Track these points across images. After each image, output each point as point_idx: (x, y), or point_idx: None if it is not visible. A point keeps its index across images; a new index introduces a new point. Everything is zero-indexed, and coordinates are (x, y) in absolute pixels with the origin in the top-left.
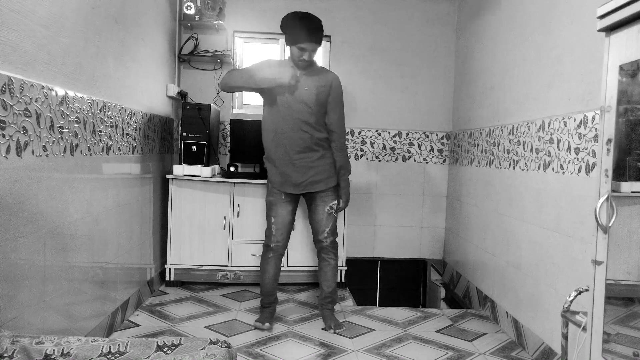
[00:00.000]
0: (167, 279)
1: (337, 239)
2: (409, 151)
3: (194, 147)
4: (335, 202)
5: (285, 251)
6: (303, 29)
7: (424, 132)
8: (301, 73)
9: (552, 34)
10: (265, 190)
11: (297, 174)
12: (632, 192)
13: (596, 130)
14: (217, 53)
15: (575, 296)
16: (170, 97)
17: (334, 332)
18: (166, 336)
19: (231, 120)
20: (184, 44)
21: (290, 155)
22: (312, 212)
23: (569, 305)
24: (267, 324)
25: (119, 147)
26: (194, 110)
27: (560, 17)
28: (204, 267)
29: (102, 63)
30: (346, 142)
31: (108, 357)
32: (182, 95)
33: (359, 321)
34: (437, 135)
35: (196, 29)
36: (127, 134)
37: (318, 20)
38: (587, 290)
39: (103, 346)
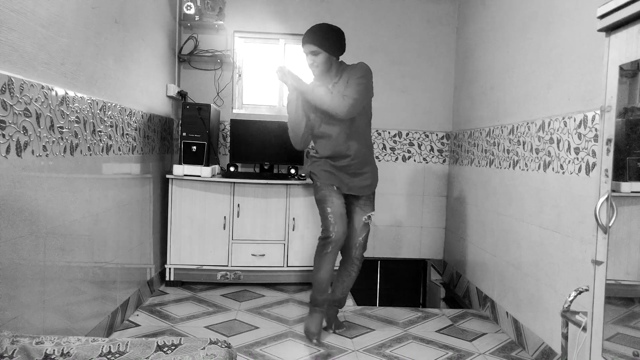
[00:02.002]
0: (167, 278)
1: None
2: (409, 151)
3: (194, 147)
4: (373, 212)
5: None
6: (303, 35)
7: (424, 132)
8: (331, 83)
9: (552, 34)
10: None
11: (350, 177)
12: (632, 192)
13: (596, 130)
14: (217, 53)
15: (575, 296)
16: (170, 97)
17: (334, 332)
18: (166, 336)
19: (231, 120)
20: (184, 44)
21: (347, 164)
22: (349, 219)
23: (569, 305)
24: (315, 339)
25: (119, 147)
26: (194, 110)
27: (560, 17)
28: (204, 267)
29: (102, 63)
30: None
31: (108, 357)
32: (182, 95)
33: (359, 321)
34: (437, 135)
35: (196, 29)
36: (127, 134)
37: (324, 25)
38: (587, 290)
39: (103, 346)
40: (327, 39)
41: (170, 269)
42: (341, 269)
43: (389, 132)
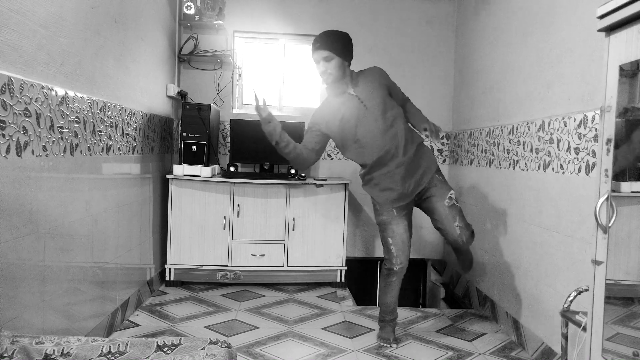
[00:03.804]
0: (167, 278)
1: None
2: None
3: (194, 147)
4: (452, 191)
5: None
6: (313, 41)
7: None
8: (343, 89)
9: (552, 34)
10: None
11: (407, 179)
12: (632, 192)
13: (596, 130)
14: (217, 53)
15: (575, 296)
16: (170, 97)
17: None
18: (166, 336)
19: (231, 120)
20: (184, 44)
21: (394, 163)
22: (433, 214)
23: (569, 305)
24: (394, 345)
25: (118, 147)
26: (194, 110)
27: (560, 17)
28: (204, 267)
29: (101, 63)
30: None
31: (108, 357)
32: (182, 95)
33: (359, 321)
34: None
35: (196, 29)
36: (127, 134)
37: (333, 30)
38: (587, 290)
39: (103, 346)
40: (339, 43)
41: (170, 269)
42: (457, 256)
43: None
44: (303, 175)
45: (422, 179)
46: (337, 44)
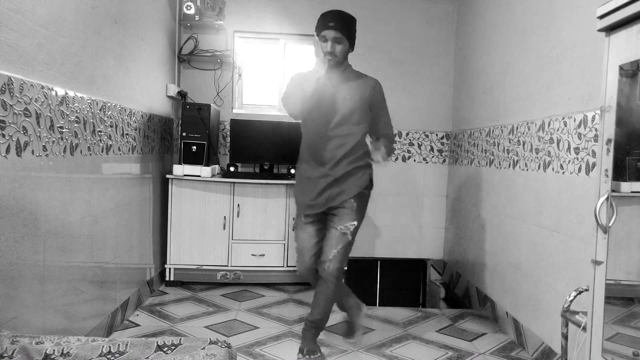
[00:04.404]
0: (167, 278)
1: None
2: (409, 151)
3: (194, 147)
4: (355, 222)
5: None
6: (326, 16)
7: (424, 132)
8: (333, 76)
9: (552, 34)
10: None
11: (317, 193)
12: (632, 192)
13: (596, 130)
14: (217, 53)
15: (575, 296)
16: (170, 97)
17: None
18: (166, 336)
19: (231, 120)
20: (184, 43)
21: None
22: (327, 231)
23: (569, 305)
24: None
25: (118, 147)
26: (194, 110)
27: (560, 17)
28: (204, 267)
29: (101, 63)
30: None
31: (108, 357)
32: (182, 95)
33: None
34: (437, 135)
35: (196, 29)
36: (127, 134)
37: (347, 13)
38: (587, 290)
39: (103, 346)
40: (352, 30)
41: (170, 269)
42: (317, 286)
43: None
44: None
45: (336, 198)
46: (350, 29)
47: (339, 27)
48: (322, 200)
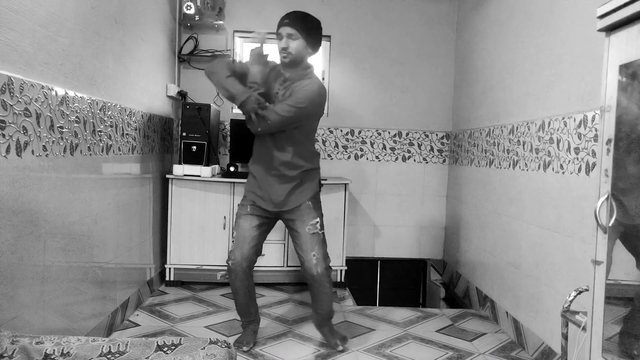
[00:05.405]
0: (167, 278)
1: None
2: (409, 151)
3: (194, 147)
4: (318, 219)
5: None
6: (283, 16)
7: (424, 132)
8: (284, 75)
9: (552, 34)
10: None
11: (268, 188)
12: None
13: (596, 130)
14: (217, 53)
15: (575, 296)
16: (170, 97)
17: (341, 347)
18: (166, 336)
19: (231, 120)
20: (184, 43)
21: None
22: (295, 238)
23: (569, 305)
24: (245, 347)
25: (118, 147)
26: (194, 110)
27: (560, 17)
28: (204, 267)
29: (101, 63)
30: (270, 120)
31: (108, 357)
32: (182, 95)
33: (359, 321)
34: (437, 135)
35: (196, 29)
36: (127, 134)
37: (307, 13)
38: (587, 290)
39: (103, 346)
40: (308, 26)
41: (170, 268)
42: (312, 292)
43: (389, 132)
44: None
45: (287, 201)
46: (305, 25)
47: (292, 23)
48: (279, 200)
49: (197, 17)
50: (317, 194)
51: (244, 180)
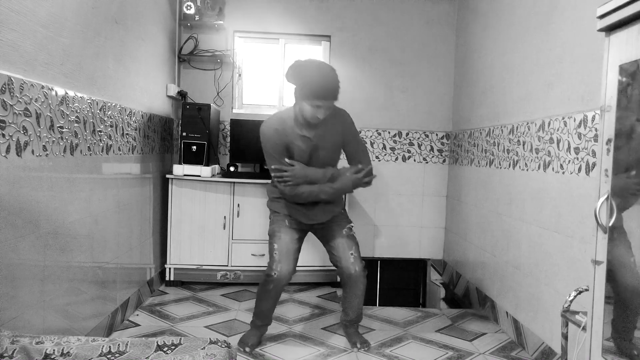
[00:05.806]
0: (167, 278)
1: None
2: (409, 151)
3: (194, 147)
4: (352, 224)
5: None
6: (320, 82)
7: (424, 132)
8: (309, 130)
9: (552, 34)
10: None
11: (306, 207)
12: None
13: (596, 130)
14: (217, 53)
15: (575, 296)
16: (170, 97)
17: (360, 350)
18: (166, 336)
19: (231, 120)
20: (184, 43)
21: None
22: (329, 241)
23: (569, 305)
24: (248, 348)
25: (118, 147)
26: (194, 110)
27: (560, 17)
28: (204, 267)
29: (102, 63)
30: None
31: (108, 357)
32: (182, 95)
33: None
34: (437, 135)
35: (196, 29)
36: (127, 134)
37: (334, 71)
38: (587, 290)
39: (103, 346)
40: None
41: (170, 268)
42: (347, 290)
43: (389, 132)
44: None
45: (324, 215)
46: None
47: (335, 95)
48: (317, 216)
49: (197, 17)
50: (344, 206)
51: (244, 180)
